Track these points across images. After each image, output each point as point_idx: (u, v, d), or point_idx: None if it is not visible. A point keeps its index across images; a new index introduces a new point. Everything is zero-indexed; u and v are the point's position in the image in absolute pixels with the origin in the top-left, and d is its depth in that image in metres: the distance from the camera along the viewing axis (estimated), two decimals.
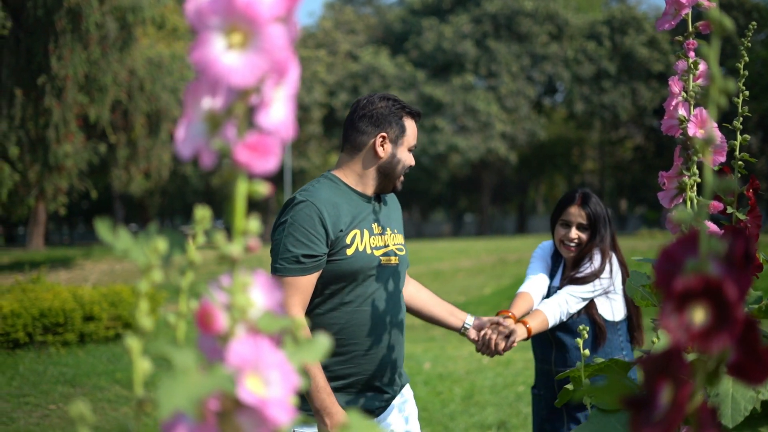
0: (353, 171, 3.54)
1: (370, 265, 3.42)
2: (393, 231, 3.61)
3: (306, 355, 0.89)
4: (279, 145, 0.85)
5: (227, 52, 0.82)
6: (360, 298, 3.41)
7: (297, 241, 3.26)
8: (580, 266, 4.13)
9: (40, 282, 12.39)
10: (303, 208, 3.30)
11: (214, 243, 0.87)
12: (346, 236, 3.36)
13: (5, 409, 8.10)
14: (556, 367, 4.17)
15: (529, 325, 3.87)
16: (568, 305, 4.03)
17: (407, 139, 3.54)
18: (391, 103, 3.53)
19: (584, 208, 4.13)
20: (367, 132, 3.51)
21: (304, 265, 3.26)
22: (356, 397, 3.44)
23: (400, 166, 3.53)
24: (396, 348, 3.55)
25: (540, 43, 45.40)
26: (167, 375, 0.80)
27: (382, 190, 3.59)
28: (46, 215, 32.68)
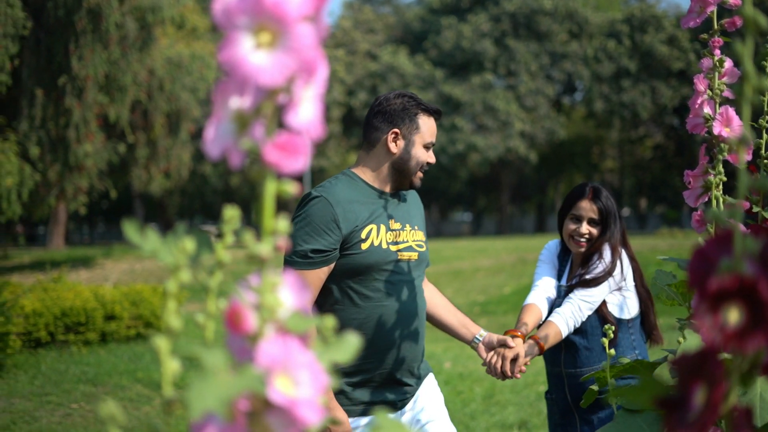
0: (369, 168, 3.59)
1: (387, 259, 3.44)
2: (413, 227, 3.62)
3: (335, 355, 0.89)
4: (308, 145, 0.85)
5: (256, 52, 0.82)
6: (379, 293, 3.43)
7: (308, 236, 3.30)
8: (589, 264, 4.00)
9: (61, 281, 12.43)
10: (316, 204, 3.36)
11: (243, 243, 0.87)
12: (361, 231, 3.39)
13: (27, 408, 8.12)
14: (566, 369, 4.04)
15: (542, 341, 3.78)
16: (581, 312, 3.90)
17: (422, 136, 3.55)
18: (407, 99, 3.57)
19: (595, 203, 4.01)
20: (381, 128, 3.56)
21: (312, 260, 3.29)
22: (378, 391, 3.47)
23: (414, 162, 3.54)
24: (417, 342, 3.56)
25: (559, 41, 45.32)
26: (197, 375, 0.80)
27: (398, 187, 3.61)
28: (67, 215, 32.80)
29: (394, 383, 3.50)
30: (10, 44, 18.70)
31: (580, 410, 3.97)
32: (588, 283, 3.91)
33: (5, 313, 9.07)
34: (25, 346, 10.40)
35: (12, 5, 18.53)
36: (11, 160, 18.30)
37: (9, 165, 18.13)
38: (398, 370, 3.49)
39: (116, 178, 27.80)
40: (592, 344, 3.97)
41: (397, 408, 3.52)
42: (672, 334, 12.06)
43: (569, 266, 4.19)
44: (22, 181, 18.95)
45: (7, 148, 18.46)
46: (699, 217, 2.09)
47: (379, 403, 3.46)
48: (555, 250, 4.27)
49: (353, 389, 3.44)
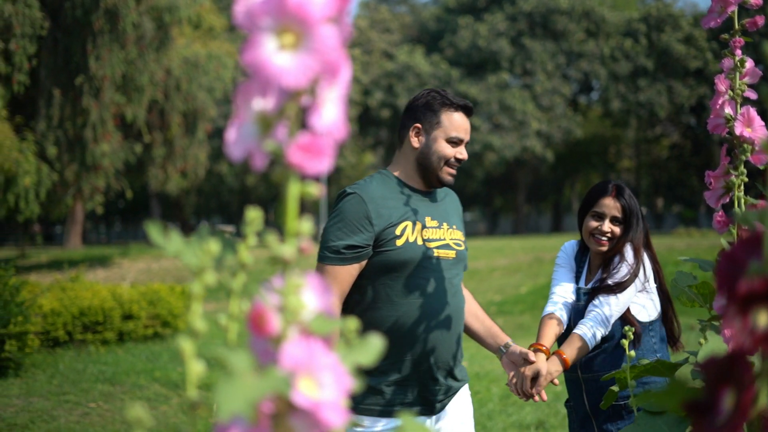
0: (400, 165, 3.60)
1: (422, 256, 3.42)
2: (451, 226, 3.60)
3: (359, 357, 0.88)
4: (332, 146, 0.85)
5: (279, 53, 0.82)
6: (415, 291, 3.41)
7: (341, 232, 3.33)
8: (611, 268, 3.82)
9: (79, 281, 12.48)
10: (350, 200, 3.38)
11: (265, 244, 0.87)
12: (395, 228, 3.39)
13: (46, 408, 8.15)
14: (582, 374, 3.86)
15: (566, 356, 3.62)
16: (608, 321, 3.72)
17: (444, 130, 3.51)
18: (432, 95, 3.56)
19: (619, 200, 3.86)
20: (406, 125, 3.58)
21: (344, 256, 3.31)
22: (412, 392, 3.43)
23: (435, 157, 3.51)
24: (454, 341, 3.52)
25: (576, 40, 45.23)
26: (223, 377, 0.80)
27: (428, 184, 3.57)
28: (84, 214, 32.91)
29: (431, 383, 3.45)
30: (28, 44, 18.79)
31: (600, 419, 3.84)
32: (612, 289, 3.76)
33: (23, 312, 9.11)
34: (43, 345, 10.45)
35: (30, 5, 18.62)
36: (29, 159, 18.37)
37: (27, 164, 18.20)
38: (435, 369, 3.45)
39: (133, 177, 27.91)
40: (610, 348, 3.81)
41: (434, 410, 3.49)
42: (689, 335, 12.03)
43: (587, 267, 4.03)
44: (40, 181, 19.03)
45: (25, 147, 18.54)
46: (721, 217, 2.08)
47: (415, 403, 3.43)
48: (572, 252, 4.11)
49: (389, 388, 3.40)
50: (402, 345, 3.38)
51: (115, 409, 8.28)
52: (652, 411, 2.08)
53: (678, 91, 44.75)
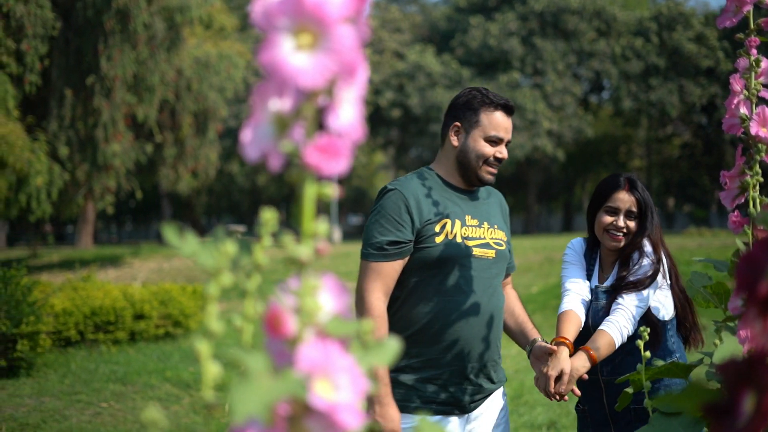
0: (441, 163, 3.61)
1: (461, 254, 3.42)
2: (492, 225, 3.59)
3: (375, 359, 0.88)
4: (349, 147, 0.84)
5: (296, 54, 0.81)
6: (452, 288, 3.41)
7: (383, 228, 3.36)
8: (631, 265, 3.67)
9: (90, 281, 12.50)
10: (391, 196, 3.41)
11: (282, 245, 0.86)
12: (435, 224, 3.40)
13: (57, 407, 8.16)
14: (604, 376, 3.68)
15: (593, 352, 3.46)
16: (634, 319, 3.57)
17: (483, 129, 3.51)
18: (474, 93, 3.58)
19: (633, 194, 3.72)
20: (447, 123, 3.61)
21: (387, 252, 3.34)
22: (445, 390, 3.40)
23: (473, 155, 3.51)
24: (490, 341, 3.49)
25: (587, 40, 45.16)
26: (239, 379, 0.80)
27: (468, 182, 3.58)
28: (95, 214, 32.96)
29: (464, 382, 3.43)
30: (40, 45, 18.85)
31: (619, 423, 3.67)
32: (636, 286, 3.63)
33: (35, 312, 9.13)
34: (54, 345, 10.47)
35: (42, 6, 18.68)
36: (41, 159, 18.42)
37: (39, 164, 18.25)
38: (469, 368, 3.42)
39: (144, 177, 27.94)
40: (632, 348, 3.56)
41: (466, 409, 3.46)
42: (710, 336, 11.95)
43: (598, 265, 3.88)
44: (52, 181, 19.08)
45: (37, 147, 18.58)
46: (736, 218, 2.07)
47: (447, 401, 3.41)
48: (580, 249, 3.96)
49: (422, 385, 3.39)
50: (435, 343, 3.38)
51: (126, 408, 8.29)
52: (667, 412, 2.07)
53: (689, 90, 44.65)
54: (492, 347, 3.50)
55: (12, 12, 18.26)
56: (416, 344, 3.37)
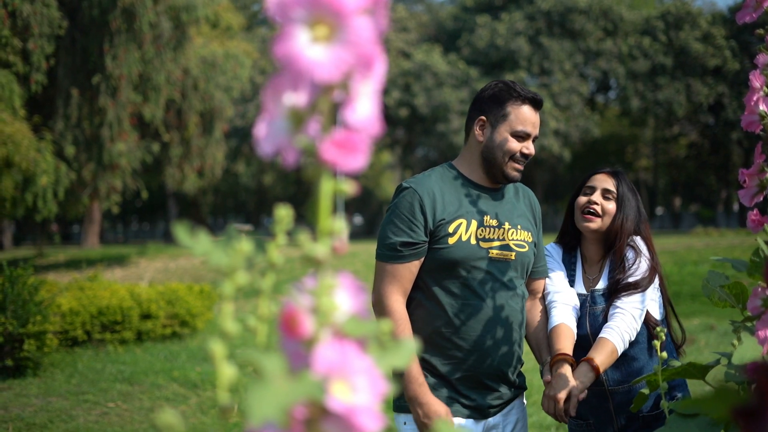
0: (465, 159, 3.47)
1: (475, 256, 3.28)
2: (515, 226, 3.41)
3: (393, 360, 0.86)
4: (367, 142, 0.82)
5: (312, 46, 0.79)
6: (466, 291, 3.27)
7: (397, 228, 3.25)
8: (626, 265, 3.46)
9: (97, 280, 12.52)
10: (405, 195, 3.28)
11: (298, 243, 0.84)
12: (449, 225, 3.26)
13: (64, 407, 8.16)
14: (611, 386, 3.46)
15: (597, 363, 3.26)
16: (636, 323, 3.37)
17: (510, 123, 3.35)
18: (500, 86, 3.42)
19: (612, 177, 3.58)
20: (472, 117, 3.46)
21: (401, 253, 3.23)
22: (463, 393, 3.29)
23: (500, 151, 3.34)
24: (509, 346, 3.35)
25: (594, 39, 45.12)
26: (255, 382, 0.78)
27: (493, 179, 3.41)
28: (101, 213, 33.01)
29: (481, 387, 3.31)
30: (46, 44, 18.86)
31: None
32: (635, 287, 3.42)
33: (42, 311, 9.14)
34: (61, 344, 10.48)
35: (48, 5, 18.69)
36: (47, 159, 18.43)
37: (45, 164, 18.26)
38: (486, 373, 3.30)
39: (150, 177, 28.00)
40: (638, 353, 3.46)
41: (485, 415, 3.33)
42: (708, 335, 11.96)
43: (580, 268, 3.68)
44: (58, 180, 19.09)
45: (43, 147, 18.59)
46: (755, 216, 2.04)
47: (465, 406, 3.30)
48: (557, 255, 3.73)
49: (441, 388, 3.28)
50: (451, 347, 3.27)
51: (133, 408, 8.29)
52: (684, 414, 2.05)
53: (696, 90, 44.60)
54: (511, 352, 3.37)
55: (18, 11, 18.26)
56: (432, 347, 3.27)
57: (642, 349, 3.47)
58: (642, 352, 3.47)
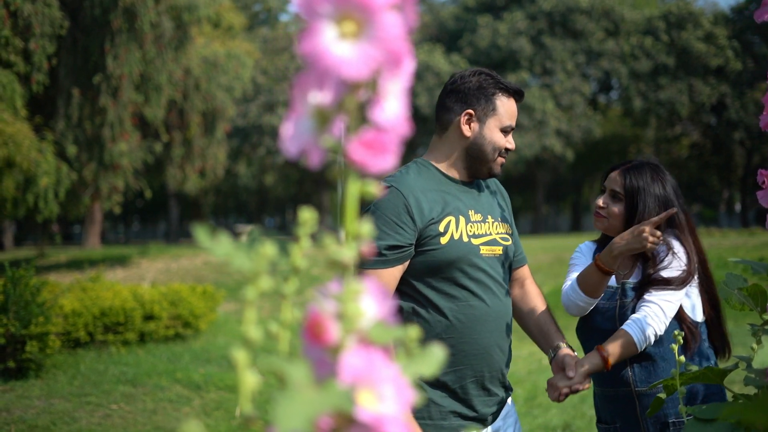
0: (442, 153, 3.26)
1: (469, 254, 3.08)
2: (496, 219, 3.26)
3: (420, 368, 0.84)
4: (395, 143, 0.80)
5: (339, 42, 0.77)
6: (464, 293, 3.08)
7: (380, 232, 2.97)
8: (658, 261, 3.30)
9: (99, 281, 12.50)
10: (387, 196, 3.02)
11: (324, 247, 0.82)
12: (438, 224, 3.05)
13: (67, 409, 8.14)
14: (638, 388, 3.30)
15: (607, 353, 3.16)
16: (664, 316, 3.20)
17: (498, 118, 3.17)
18: (484, 77, 3.20)
19: (623, 175, 3.42)
20: (453, 109, 3.20)
21: (386, 258, 2.96)
22: (464, 401, 3.11)
23: (490, 148, 3.17)
24: (506, 346, 3.24)
25: (596, 39, 45.12)
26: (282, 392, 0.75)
27: (475, 175, 3.25)
28: (102, 214, 33.00)
29: (483, 393, 3.14)
30: (48, 44, 18.84)
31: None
32: (667, 283, 3.26)
33: (44, 313, 9.11)
34: (64, 346, 10.46)
35: (49, 5, 18.68)
36: (48, 159, 18.40)
37: (46, 165, 18.24)
38: (488, 378, 3.14)
39: (151, 177, 27.99)
40: (667, 352, 3.29)
41: (486, 422, 3.18)
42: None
43: None
44: (59, 180, 19.07)
45: (45, 147, 18.57)
46: None
47: (467, 416, 3.11)
48: (589, 253, 3.62)
49: (441, 398, 3.09)
50: (454, 352, 3.05)
51: (136, 410, 8.26)
52: (702, 419, 2.01)
53: (699, 90, 44.59)
54: (509, 353, 3.26)
55: (20, 11, 18.24)
56: None
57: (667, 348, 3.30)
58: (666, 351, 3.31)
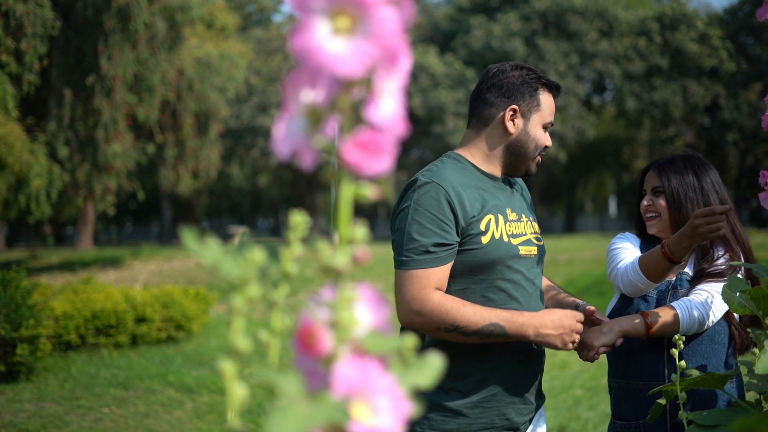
0: (480, 149, 3.09)
1: (509, 254, 2.95)
2: (528, 218, 3.14)
3: (417, 378, 0.80)
4: (392, 143, 0.77)
5: (332, 38, 0.74)
6: (502, 295, 2.94)
7: (425, 229, 2.82)
8: (711, 256, 3.22)
9: (91, 283, 12.46)
10: (428, 191, 2.86)
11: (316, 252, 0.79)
12: (479, 222, 2.90)
13: (58, 413, 8.10)
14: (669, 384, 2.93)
15: (651, 320, 3.02)
16: (714, 305, 3.07)
17: (542, 114, 3.06)
18: (526, 72, 3.08)
19: (660, 174, 3.31)
20: (496, 104, 3.06)
21: (436, 255, 2.81)
22: (498, 413, 2.94)
23: (533, 145, 3.06)
24: (543, 352, 3.11)
25: (590, 40, 45.17)
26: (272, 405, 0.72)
27: (511, 172, 3.14)
28: (95, 215, 32.98)
29: (518, 401, 2.99)
30: (39, 44, 18.81)
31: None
32: (722, 275, 3.13)
33: (35, 315, 9.07)
34: (55, 349, 10.43)
35: (41, 5, 18.64)
36: (40, 161, 18.38)
37: (38, 166, 18.22)
38: (523, 386, 3.00)
39: (144, 178, 27.97)
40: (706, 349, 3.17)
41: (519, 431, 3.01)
42: None
43: None
44: (51, 182, 19.05)
45: (36, 148, 18.54)
46: None
47: (502, 426, 2.95)
48: (636, 243, 3.46)
49: (472, 410, 2.91)
50: (486, 361, 2.92)
51: (128, 414, 8.23)
52: (703, 425, 1.98)
53: (692, 91, 44.66)
54: (544, 358, 3.14)
55: (11, 11, 18.20)
56: (462, 363, 2.90)
57: (716, 348, 3.18)
58: (715, 350, 3.18)
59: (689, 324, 3.04)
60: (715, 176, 3.33)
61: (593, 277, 18.41)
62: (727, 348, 3.19)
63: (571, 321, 2.86)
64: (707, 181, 3.29)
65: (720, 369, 3.12)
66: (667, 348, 3.13)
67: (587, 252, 24.22)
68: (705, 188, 3.27)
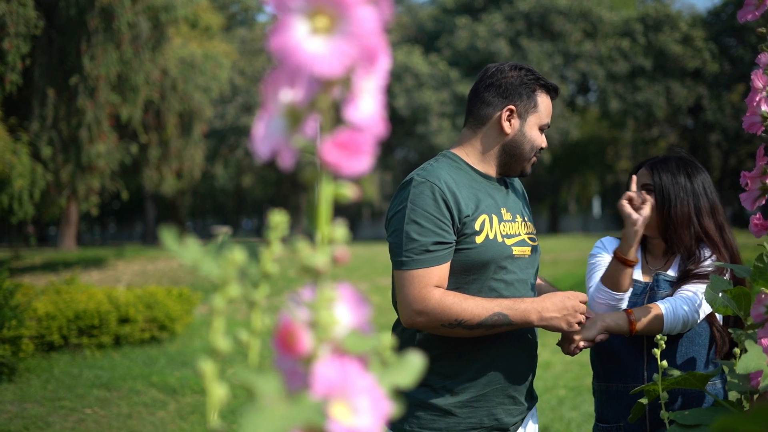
0: (475, 149, 3.09)
1: (503, 255, 2.95)
2: (524, 218, 3.13)
3: (396, 378, 0.80)
4: (371, 143, 0.76)
5: (311, 38, 0.73)
6: (493, 294, 2.92)
7: (423, 228, 2.82)
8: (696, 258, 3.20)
9: (74, 284, 12.43)
10: (424, 190, 2.87)
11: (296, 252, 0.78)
12: (474, 222, 2.90)
13: (40, 414, 8.08)
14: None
15: (635, 317, 3.01)
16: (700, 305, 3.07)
17: (539, 116, 3.07)
18: (524, 72, 3.09)
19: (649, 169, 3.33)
20: (493, 104, 3.06)
21: (436, 254, 2.82)
22: (488, 414, 2.94)
23: (529, 146, 3.06)
24: (534, 353, 3.12)
25: (573, 41, 45.25)
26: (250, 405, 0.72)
27: (506, 173, 3.14)
28: (78, 215, 32.87)
29: (508, 402, 2.98)
30: (22, 44, 18.73)
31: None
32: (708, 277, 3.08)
33: (18, 316, 9.05)
34: (37, 349, 10.40)
35: (24, 4, 18.57)
36: (23, 161, 18.31)
37: (20, 167, 18.14)
38: (515, 387, 3.00)
39: (128, 178, 27.88)
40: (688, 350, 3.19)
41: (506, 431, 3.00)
42: None
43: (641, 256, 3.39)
44: (34, 182, 18.97)
45: (19, 148, 18.47)
46: (758, 220, 1.99)
47: (491, 427, 2.95)
48: (611, 248, 3.43)
49: (461, 410, 2.92)
50: (476, 359, 2.93)
51: (111, 414, 8.21)
52: (684, 424, 1.99)
53: (676, 92, 44.79)
54: (535, 360, 3.15)
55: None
56: (452, 362, 2.93)
57: (696, 350, 3.21)
58: (695, 352, 3.21)
59: (673, 323, 3.05)
60: (707, 180, 3.33)
61: (577, 277, 18.46)
62: (708, 350, 3.21)
63: (574, 301, 2.88)
64: (698, 183, 3.29)
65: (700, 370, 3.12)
66: (647, 349, 3.15)
67: (571, 252, 24.28)
68: (696, 191, 3.28)
